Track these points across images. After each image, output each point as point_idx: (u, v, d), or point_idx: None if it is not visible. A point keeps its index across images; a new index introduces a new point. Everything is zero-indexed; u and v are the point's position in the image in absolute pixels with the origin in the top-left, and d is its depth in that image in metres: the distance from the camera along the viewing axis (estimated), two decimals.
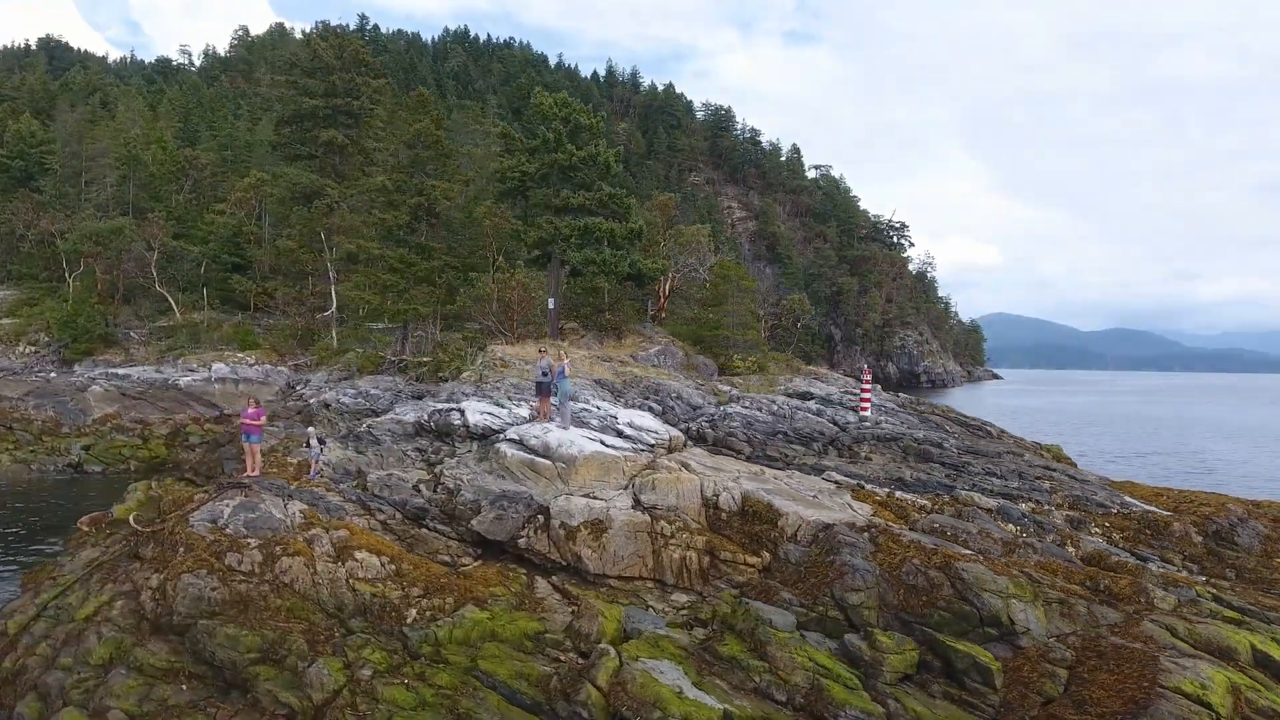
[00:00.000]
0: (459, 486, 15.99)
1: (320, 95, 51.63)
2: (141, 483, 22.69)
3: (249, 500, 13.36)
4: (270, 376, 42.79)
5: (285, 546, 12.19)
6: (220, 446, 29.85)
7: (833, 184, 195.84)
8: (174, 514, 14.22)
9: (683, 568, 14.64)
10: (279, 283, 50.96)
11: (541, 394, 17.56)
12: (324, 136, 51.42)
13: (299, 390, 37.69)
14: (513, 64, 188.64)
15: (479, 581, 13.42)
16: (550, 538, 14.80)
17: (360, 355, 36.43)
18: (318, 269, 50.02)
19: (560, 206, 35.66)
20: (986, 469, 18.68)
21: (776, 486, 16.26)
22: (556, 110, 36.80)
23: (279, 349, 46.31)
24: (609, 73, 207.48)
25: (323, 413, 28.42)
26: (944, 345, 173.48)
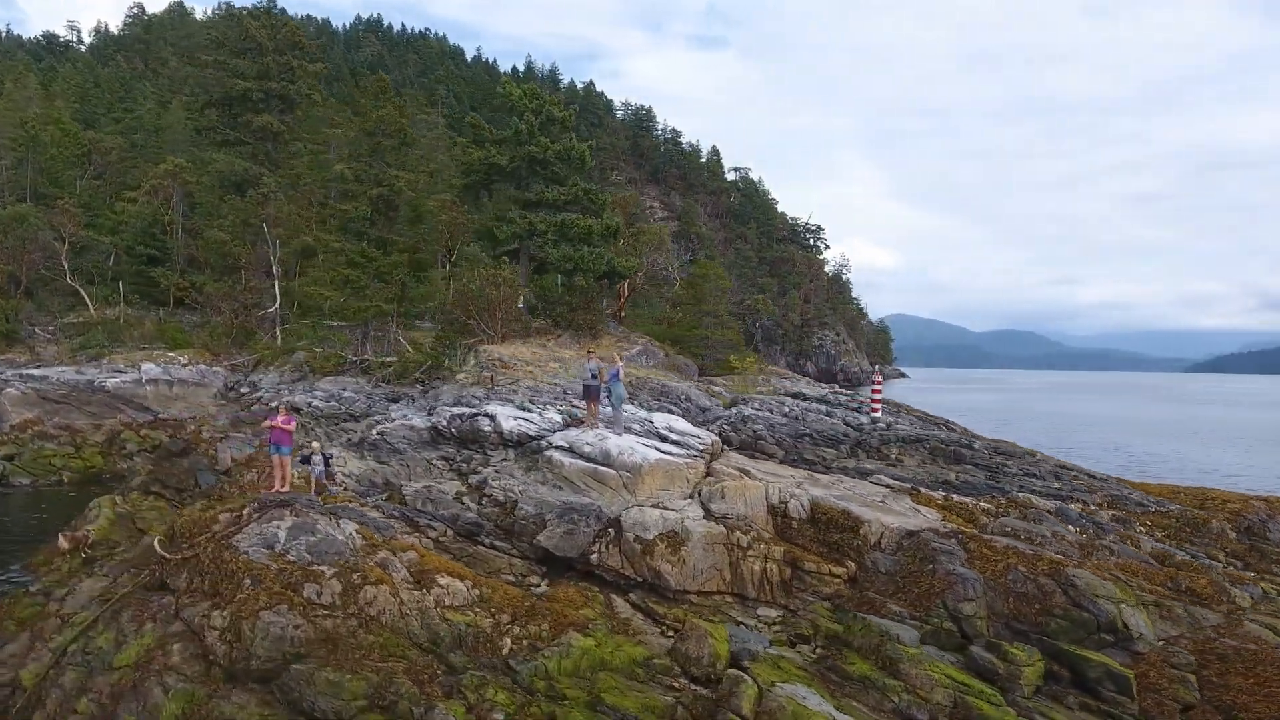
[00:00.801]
0: (512, 499, 14.77)
1: (253, 78, 48.26)
2: (105, 499, 20.41)
3: (304, 521, 11.81)
4: (206, 377, 39.51)
5: (364, 574, 10.78)
6: (174, 455, 27.19)
7: (751, 186, 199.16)
8: (202, 537, 12.46)
9: (764, 580, 13.93)
10: (207, 277, 47.32)
11: (590, 398, 16.45)
12: (257, 122, 48.12)
13: (244, 393, 34.88)
14: (429, 55, 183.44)
15: (565, 604, 12.33)
16: (623, 552, 13.81)
17: (319, 355, 33.99)
18: (252, 262, 46.77)
19: (535, 201, 34.32)
20: (1023, 470, 18.77)
21: (842, 492, 15.75)
22: (527, 101, 35.45)
23: (212, 348, 42.94)
24: (528, 69, 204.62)
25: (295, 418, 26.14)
26: (859, 344, 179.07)
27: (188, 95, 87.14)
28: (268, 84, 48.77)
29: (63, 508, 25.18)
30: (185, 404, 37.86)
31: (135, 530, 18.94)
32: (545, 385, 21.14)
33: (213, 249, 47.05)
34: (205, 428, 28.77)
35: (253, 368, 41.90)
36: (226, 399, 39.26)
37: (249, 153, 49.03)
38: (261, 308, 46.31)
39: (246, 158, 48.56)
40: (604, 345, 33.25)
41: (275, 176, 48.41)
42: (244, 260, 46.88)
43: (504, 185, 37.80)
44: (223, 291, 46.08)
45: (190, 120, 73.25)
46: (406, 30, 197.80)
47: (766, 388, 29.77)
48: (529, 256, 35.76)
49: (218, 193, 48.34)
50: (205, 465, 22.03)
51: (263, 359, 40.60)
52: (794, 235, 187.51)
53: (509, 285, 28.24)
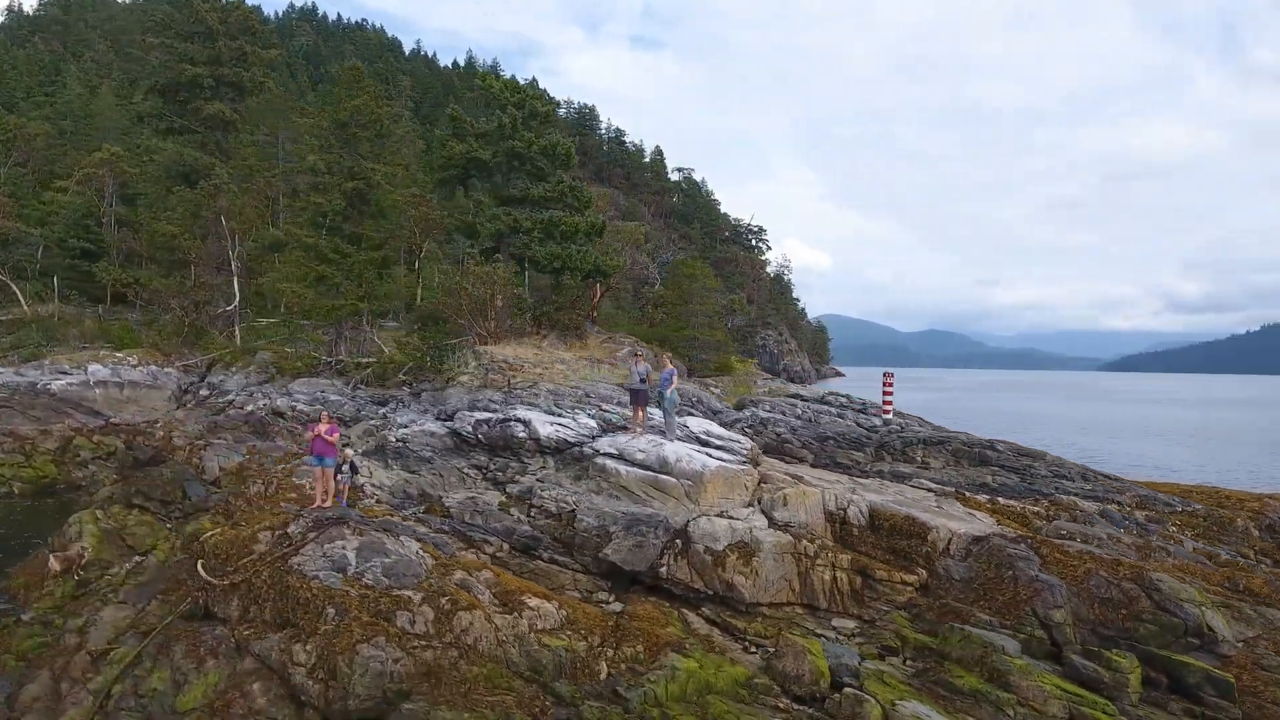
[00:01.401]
0: (565, 510, 14.01)
1: (203, 63, 45.64)
2: (85, 513, 18.75)
3: (372, 540, 10.82)
4: (159, 379, 37.10)
5: (454, 599, 9.89)
6: (142, 464, 25.28)
7: (694, 187, 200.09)
8: (246, 560, 11.31)
9: (834, 590, 13.52)
10: (153, 272, 44.55)
11: (638, 402, 15.73)
12: (208, 110, 45.52)
13: (205, 395, 32.81)
14: (367, 47, 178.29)
15: (649, 622, 11.67)
16: (691, 564, 13.20)
17: (290, 355, 32.17)
18: (203, 257, 44.28)
19: (518, 198, 33.26)
20: (1052, 472, 18.90)
21: (892, 497, 15.47)
22: (508, 95, 34.37)
23: (162, 347, 40.40)
24: (469, 63, 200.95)
25: (278, 422, 24.62)
26: (800, 344, 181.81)
27: (118, 80, 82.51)
28: (219, 70, 46.20)
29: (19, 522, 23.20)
30: (138, 407, 35.49)
31: (125, 548, 17.42)
32: (566, 388, 20.31)
33: (160, 243, 44.33)
34: (175, 433, 26.84)
35: (207, 368, 39.68)
36: (181, 402, 37.06)
37: (198, 142, 46.37)
38: (214, 305, 43.91)
39: (195, 147, 45.91)
40: (590, 345, 32.50)
41: (227, 167, 45.96)
42: (194, 255, 44.34)
43: (481, 180, 36.55)
44: (172, 288, 43.49)
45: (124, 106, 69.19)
46: (342, 20, 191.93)
47: (760, 389, 29.50)
48: (509, 254, 34.66)
49: (164, 183, 45.55)
50: (191, 475, 20.42)
51: (220, 359, 38.43)
52: (736, 236, 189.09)
53: (504, 284, 27.20)
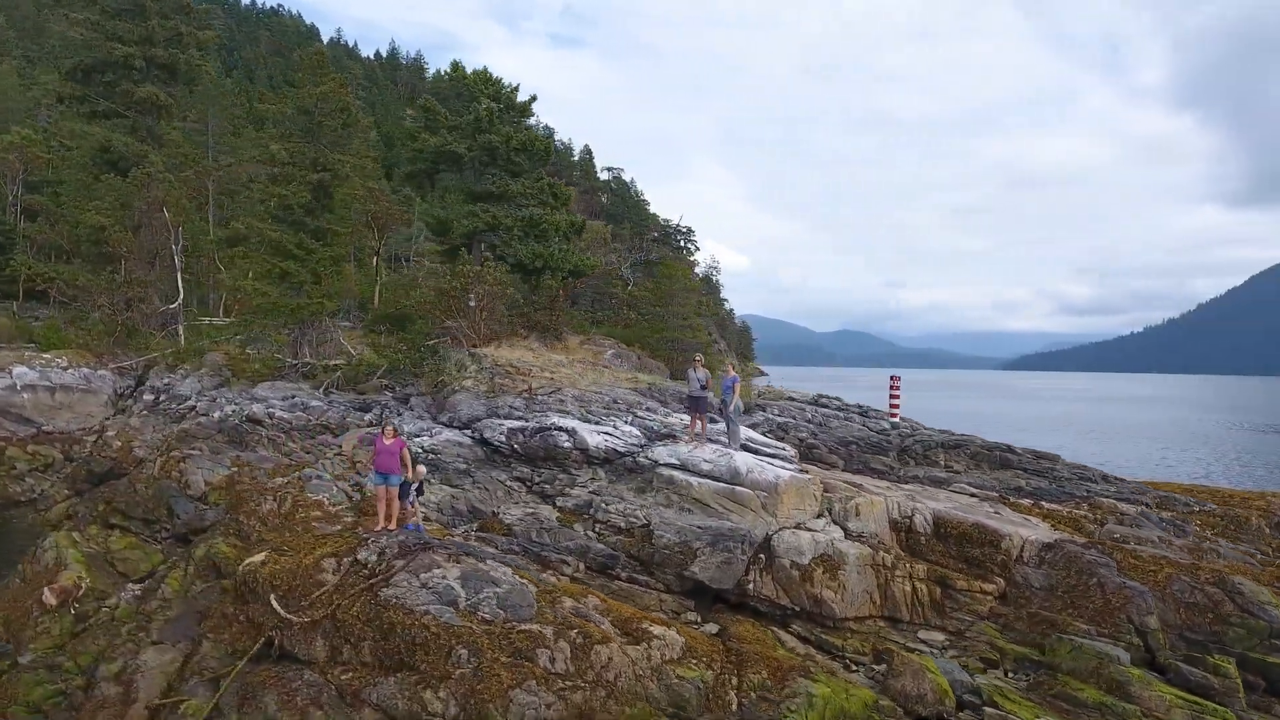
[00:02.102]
0: (635, 525, 13.27)
1: (135, 42, 42.34)
2: (60, 535, 16.98)
3: (474, 568, 9.84)
4: (93, 382, 34.15)
5: (584, 632, 9.05)
6: (100, 478, 23.08)
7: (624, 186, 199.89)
8: (322, 592, 10.14)
9: (915, 601, 13.24)
10: (77, 267, 41.09)
11: (698, 410, 15.06)
12: (139, 93, 42.25)
13: (157, 400, 30.28)
14: (283, 34, 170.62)
15: (758, 644, 11.11)
16: (776, 580, 12.69)
17: (252, 357, 29.97)
18: (134, 251, 41.14)
19: (497, 194, 32.03)
20: (1074, 474, 19.24)
21: (957, 505, 15.35)
22: (482, 87, 33.08)
23: (93, 348, 37.26)
24: (392, 54, 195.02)
25: (256, 431, 22.74)
26: (729, 345, 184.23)
27: (18, 59, 76.06)
28: (151, 50, 42.95)
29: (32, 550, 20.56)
30: (72, 414, 32.57)
31: (117, 575, 15.74)
32: (590, 394, 19.43)
33: (85, 235, 40.94)
34: (134, 443, 24.59)
35: (143, 370, 36.88)
36: (119, 407, 34.26)
37: (127, 127, 43.03)
38: (148, 302, 40.86)
39: (125, 132, 42.59)
40: (570, 347, 31.60)
41: (162, 155, 42.83)
42: (125, 249, 41.12)
43: (450, 175, 35.10)
44: (100, 284, 40.21)
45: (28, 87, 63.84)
46: (257, 5, 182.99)
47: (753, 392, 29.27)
48: (480, 253, 33.37)
49: (90, 171, 42.08)
50: (175, 491, 18.60)
51: (162, 360, 35.75)
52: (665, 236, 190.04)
53: (495, 283, 26.02)
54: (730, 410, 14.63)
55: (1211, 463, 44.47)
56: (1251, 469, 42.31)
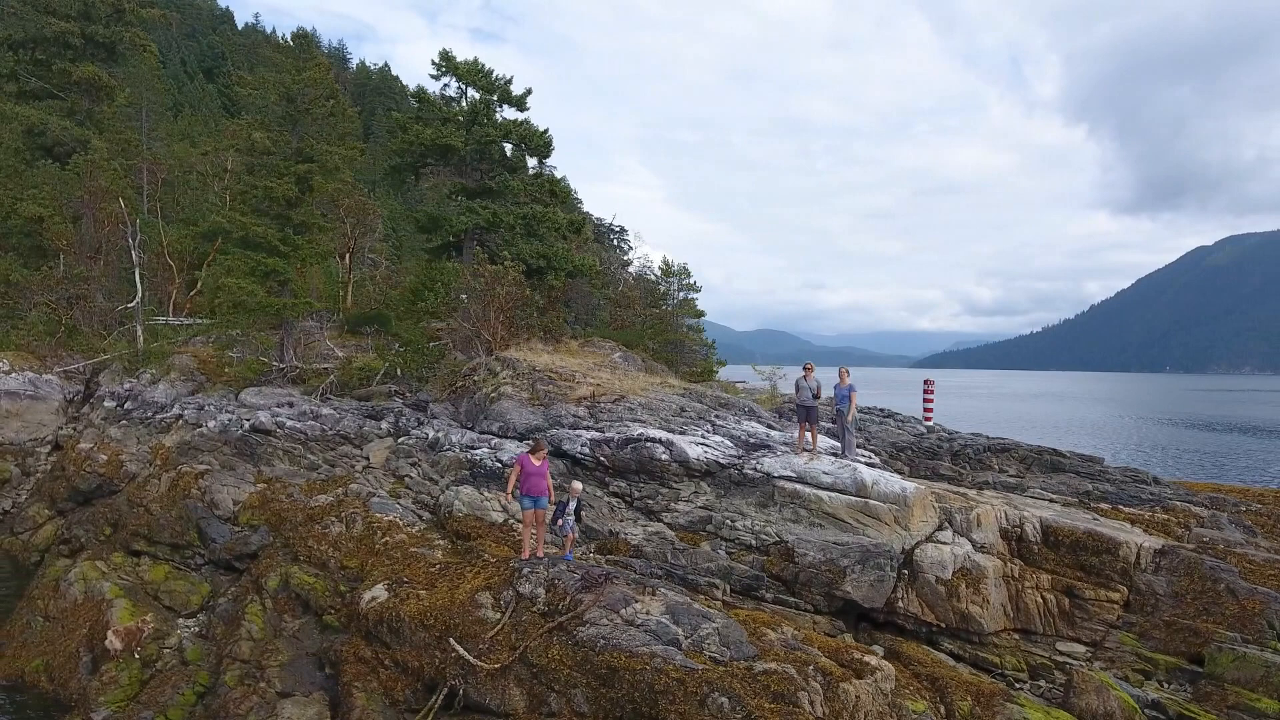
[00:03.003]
0: (769, 542, 12.63)
1: (72, 18, 38.88)
2: (86, 565, 15.21)
3: (675, 601, 9.00)
4: (41, 388, 31.14)
5: (820, 668, 8.35)
6: (88, 496, 20.83)
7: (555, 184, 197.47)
8: (497, 633, 9.08)
9: (1046, 612, 13.06)
10: (8, 261, 37.43)
11: (810, 420, 14.46)
12: (78, 73, 38.83)
13: (125, 408, 27.68)
14: (197, 18, 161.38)
15: (936, 667, 10.62)
16: (920, 596, 12.28)
17: (236, 361, 27.67)
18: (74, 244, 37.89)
19: (495, 190, 30.72)
20: (1129, 477, 19.56)
21: (1055, 510, 15.30)
22: (474, 77, 31.65)
23: (35, 350, 34.01)
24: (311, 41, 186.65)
25: (267, 442, 20.85)
26: None
27: None
28: (90, 27, 39.52)
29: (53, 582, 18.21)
30: (21, 422, 29.63)
31: (164, 609, 14.11)
32: (655, 402, 18.55)
33: (18, 227, 37.36)
34: (123, 456, 22.32)
35: (91, 374, 33.94)
36: (72, 415, 31.37)
37: (64, 109, 39.50)
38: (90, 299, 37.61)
39: (62, 115, 39.09)
40: (572, 350, 30.59)
41: (103, 140, 39.52)
42: (64, 242, 37.71)
43: (440, 169, 33.50)
44: (36, 280, 36.77)
45: None
46: None
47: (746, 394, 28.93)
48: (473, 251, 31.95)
49: (23, 156, 38.44)
50: (202, 511, 16.84)
51: (119, 362, 32.98)
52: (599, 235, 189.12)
53: (514, 284, 24.78)
54: (848, 420, 14.15)
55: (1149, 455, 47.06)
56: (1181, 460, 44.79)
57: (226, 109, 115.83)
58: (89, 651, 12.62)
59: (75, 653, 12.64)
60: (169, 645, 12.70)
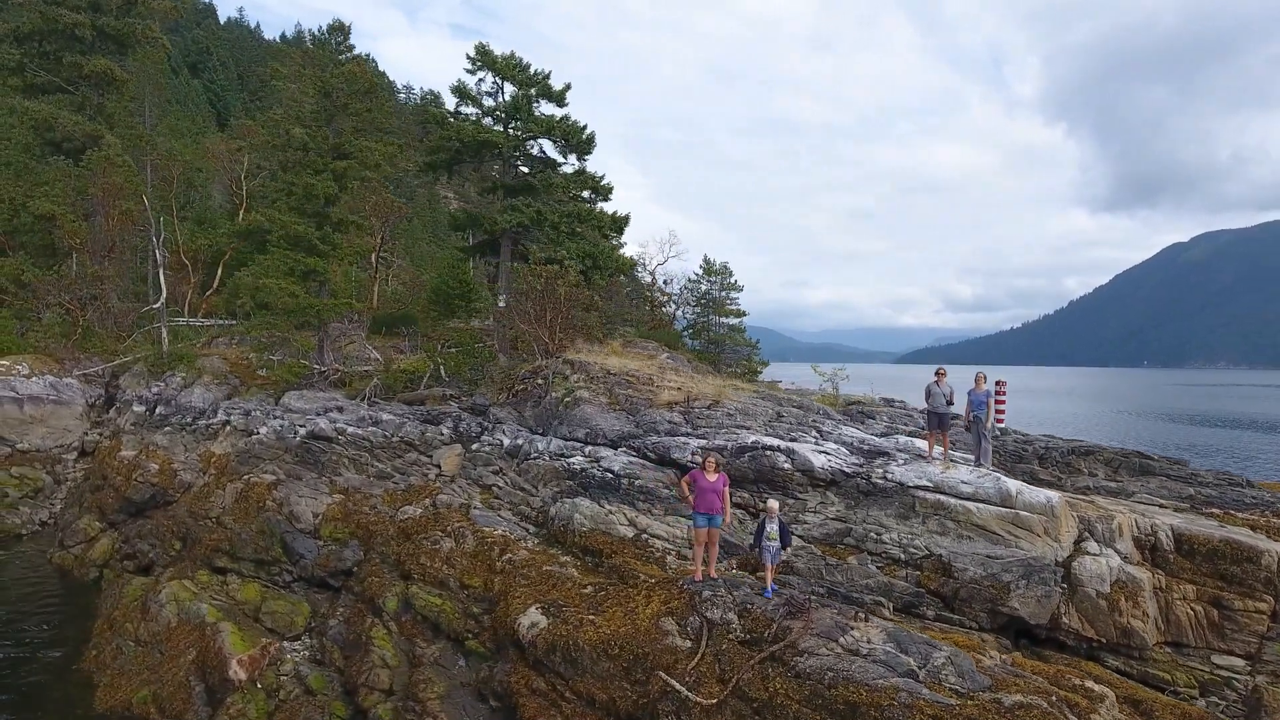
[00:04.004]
0: (918, 556, 12.10)
1: (83, 9, 37.58)
2: (175, 586, 14.46)
3: (892, 628, 8.42)
4: (63, 392, 30.16)
5: (1069, 703, 7.82)
6: (141, 509, 19.90)
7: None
8: (700, 664, 8.46)
9: (1196, 624, 12.64)
10: (19, 260, 36.18)
11: (942, 427, 13.94)
12: (90, 66, 37.55)
13: (164, 414, 26.65)
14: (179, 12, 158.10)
15: (1125, 687, 10.14)
16: (1079, 610, 11.81)
17: (275, 365, 26.72)
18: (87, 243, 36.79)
19: (537, 187, 29.97)
20: (1222, 480, 19.25)
21: (1182, 517, 14.90)
22: (512, 71, 30.85)
23: (54, 353, 32.90)
24: (297, 37, 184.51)
25: (328, 449, 19.99)
26: None
27: None
28: (101, 19, 38.22)
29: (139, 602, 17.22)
30: (46, 429, 28.69)
31: (266, 631, 13.34)
32: (750, 407, 17.98)
33: (28, 225, 36.11)
34: (175, 464, 21.40)
35: (110, 377, 32.94)
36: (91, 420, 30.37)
37: (74, 103, 38.19)
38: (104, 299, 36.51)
39: (72, 109, 37.80)
40: (616, 350, 29.94)
41: (116, 135, 38.30)
42: (78, 241, 36.50)
43: (474, 166, 32.72)
44: (50, 281, 35.58)
45: None
46: None
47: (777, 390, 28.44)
48: (513, 251, 31.22)
49: (32, 151, 37.13)
50: (284, 525, 16.04)
51: (144, 365, 31.99)
52: None
53: (573, 285, 24.06)
54: (987, 427, 13.66)
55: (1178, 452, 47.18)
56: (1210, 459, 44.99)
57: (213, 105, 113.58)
58: (200, 680, 11.85)
59: (185, 681, 11.86)
60: (285, 672, 11.96)
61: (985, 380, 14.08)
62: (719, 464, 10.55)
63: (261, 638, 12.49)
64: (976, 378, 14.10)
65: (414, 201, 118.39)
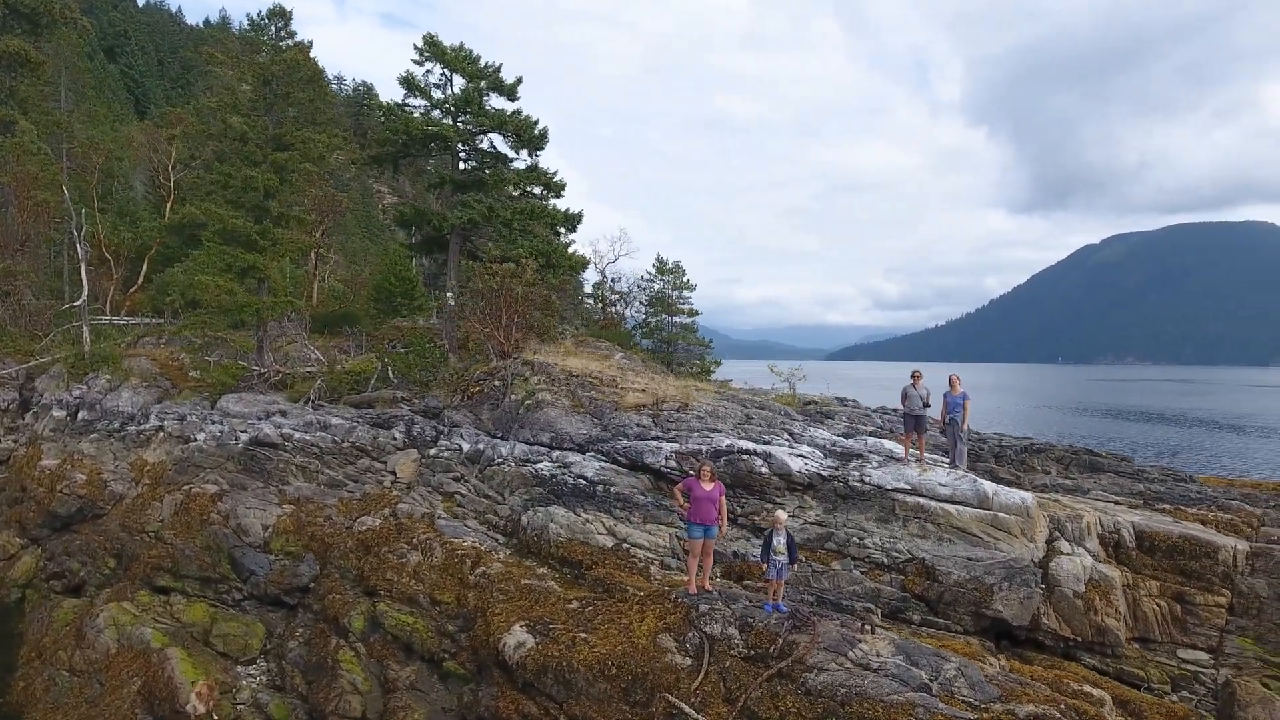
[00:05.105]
0: (900, 560, 12.07)
1: None
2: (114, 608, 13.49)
3: (895, 639, 8.26)
4: None
5: (1077, 710, 7.79)
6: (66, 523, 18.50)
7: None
8: (703, 683, 8.13)
9: (1162, 619, 12.98)
10: None
11: (919, 430, 13.92)
12: (3, 46, 35.08)
13: (85, 419, 24.91)
14: None
15: (1112, 688, 10.26)
16: (1057, 610, 11.96)
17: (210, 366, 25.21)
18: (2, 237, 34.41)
19: (490, 182, 29.18)
20: (1167, 476, 19.92)
21: (1140, 514, 15.32)
22: (461, 63, 29.99)
23: None
24: (223, 22, 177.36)
25: (274, 456, 18.93)
26: None
27: None
28: None
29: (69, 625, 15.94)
30: None
31: (218, 656, 12.48)
32: (718, 410, 17.72)
33: None
34: (105, 475, 19.99)
35: (24, 379, 30.83)
36: (3, 425, 28.31)
37: None
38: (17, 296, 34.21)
39: None
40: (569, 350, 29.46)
41: (30, 121, 35.87)
42: None
43: (422, 160, 31.73)
44: None
45: None
46: None
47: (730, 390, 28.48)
48: (460, 248, 30.36)
49: None
50: (232, 540, 15.08)
51: (64, 366, 30.00)
52: None
53: (530, 284, 23.43)
54: (961, 429, 13.73)
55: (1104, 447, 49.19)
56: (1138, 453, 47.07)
57: (131, 91, 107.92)
58: (148, 713, 10.97)
59: (130, 715, 10.95)
60: (242, 700, 11.17)
61: (960, 382, 14.17)
62: (715, 473, 10.26)
63: (215, 663, 11.66)
64: (951, 380, 14.18)
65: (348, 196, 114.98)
